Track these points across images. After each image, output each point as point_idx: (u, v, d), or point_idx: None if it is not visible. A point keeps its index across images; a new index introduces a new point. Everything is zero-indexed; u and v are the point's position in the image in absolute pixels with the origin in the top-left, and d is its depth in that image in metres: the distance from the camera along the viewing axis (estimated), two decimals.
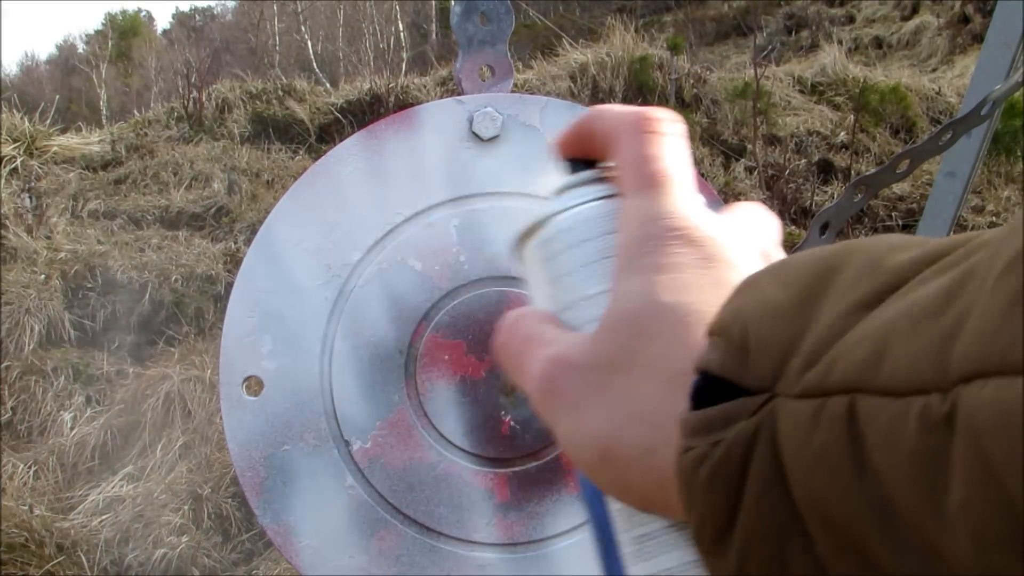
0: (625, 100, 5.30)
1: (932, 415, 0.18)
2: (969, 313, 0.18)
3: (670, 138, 0.33)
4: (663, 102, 5.31)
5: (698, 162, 4.90)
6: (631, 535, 0.31)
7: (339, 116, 5.72)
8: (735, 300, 0.26)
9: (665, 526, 0.30)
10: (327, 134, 5.58)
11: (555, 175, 0.36)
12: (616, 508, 0.31)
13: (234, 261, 4.01)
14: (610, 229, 0.33)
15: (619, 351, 0.29)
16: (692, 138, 5.09)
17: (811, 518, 0.21)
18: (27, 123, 5.36)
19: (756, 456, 0.22)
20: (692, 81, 5.50)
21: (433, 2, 13.58)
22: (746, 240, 0.32)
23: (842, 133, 5.31)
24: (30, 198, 4.55)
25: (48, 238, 4.25)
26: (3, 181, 4.66)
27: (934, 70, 7.22)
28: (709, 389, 0.25)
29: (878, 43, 8.35)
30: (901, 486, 0.19)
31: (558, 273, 0.33)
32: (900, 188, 4.70)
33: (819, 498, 0.21)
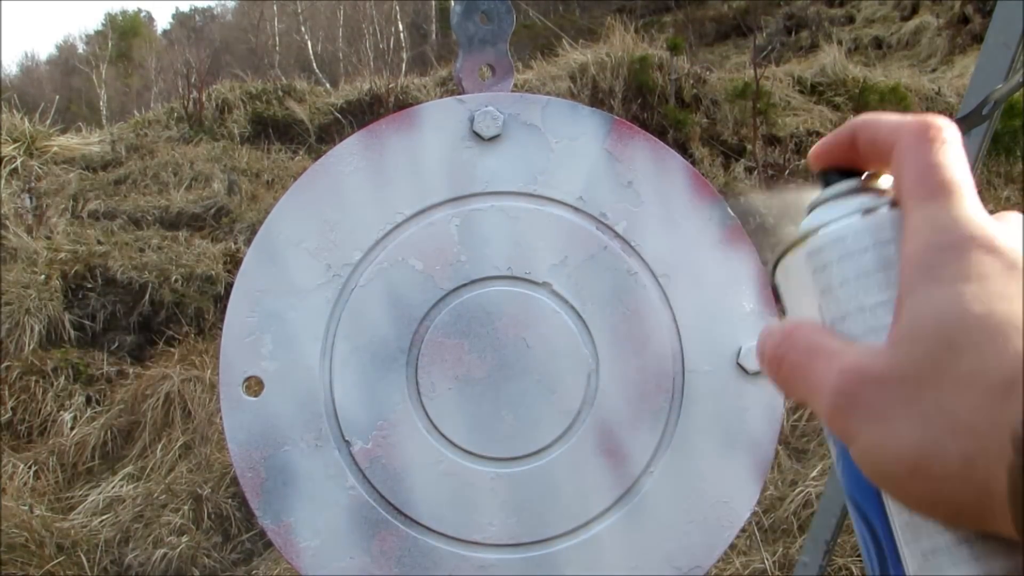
0: (625, 100, 5.30)
1: None
2: None
3: (953, 146, 0.32)
4: (663, 102, 5.31)
5: (698, 162, 4.90)
6: (918, 548, 0.30)
7: (339, 116, 5.72)
8: None
9: (957, 540, 0.29)
10: (327, 134, 5.58)
11: (811, 189, 0.36)
12: (902, 522, 0.31)
13: (234, 261, 4.01)
14: (888, 239, 0.32)
15: (927, 363, 0.28)
16: (692, 138, 5.09)
17: None
18: (27, 123, 5.35)
19: None
20: (692, 81, 5.50)
21: (433, 2, 13.57)
22: None
23: None
24: (30, 198, 4.55)
25: (48, 238, 4.25)
26: (3, 181, 4.66)
27: (934, 70, 7.22)
28: None
29: (878, 43, 8.35)
30: None
31: (830, 284, 0.32)
32: None
33: None
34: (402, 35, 13.27)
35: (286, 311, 0.69)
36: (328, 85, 7.21)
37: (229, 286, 2.19)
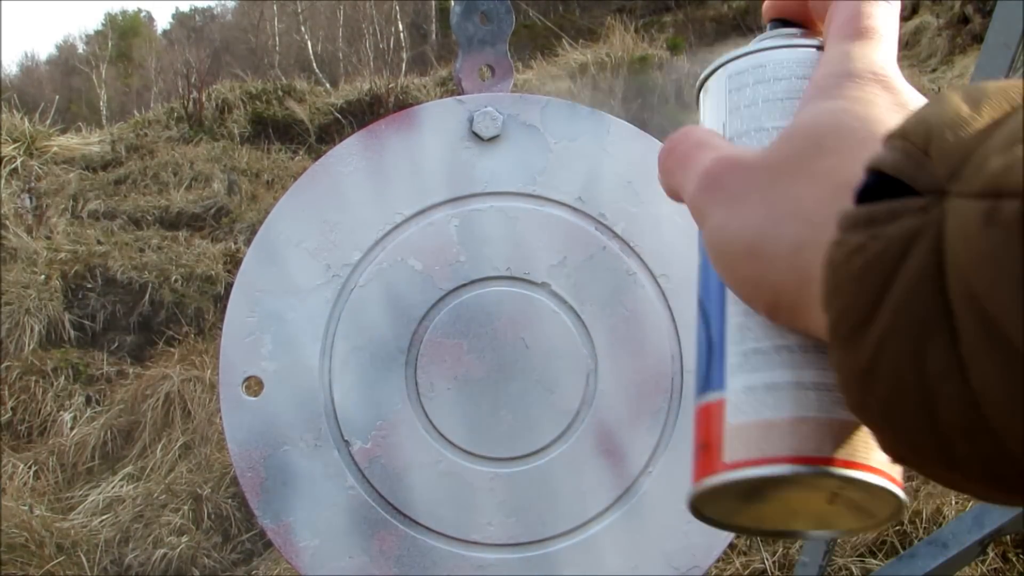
0: (625, 100, 5.30)
1: None
2: None
3: (889, 4, 0.34)
4: (663, 102, 5.31)
5: None
6: (741, 348, 0.31)
7: (339, 116, 5.73)
8: (921, 111, 0.25)
9: (776, 345, 0.30)
10: (327, 134, 5.58)
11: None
12: (734, 323, 0.32)
13: (234, 261, 4.01)
14: (804, 75, 0.34)
15: (792, 158, 0.29)
16: None
17: (964, 314, 0.21)
18: (27, 123, 5.35)
19: (916, 250, 0.22)
20: (692, 81, 5.50)
21: (433, 2, 13.58)
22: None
23: None
24: (30, 198, 4.55)
25: (48, 238, 4.25)
26: (3, 181, 4.66)
27: (934, 70, 7.22)
28: (876, 192, 0.24)
29: None
30: None
31: (739, 103, 0.34)
32: None
33: (980, 294, 0.21)
34: (402, 35, 13.28)
35: (286, 311, 0.69)
36: (328, 85, 7.22)
37: (229, 286, 2.19)
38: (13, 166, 4.87)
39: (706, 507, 0.32)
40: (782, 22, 0.37)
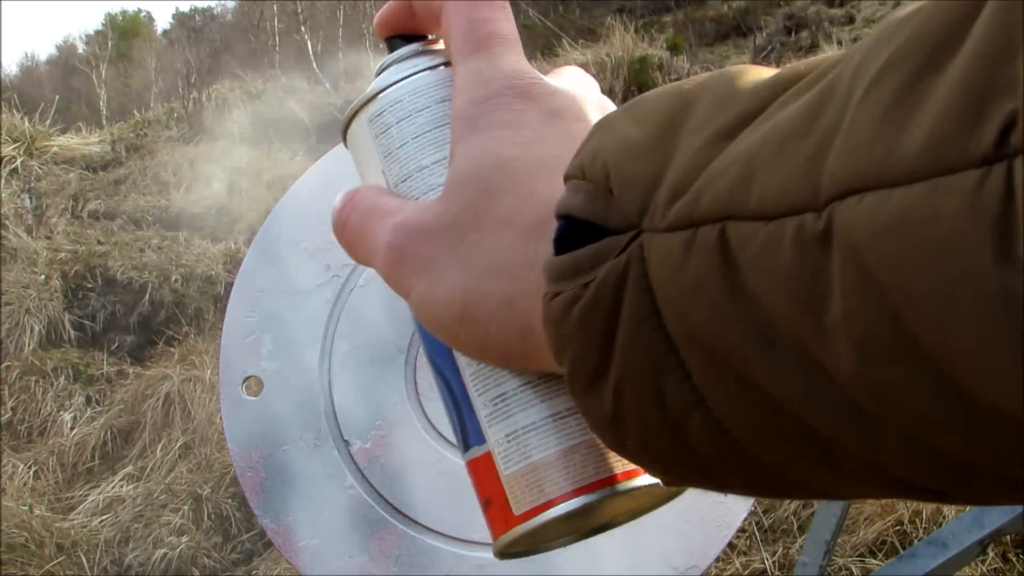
0: (625, 100, 5.30)
1: (807, 234, 0.18)
2: (836, 129, 0.18)
3: (498, 3, 0.32)
4: None
5: None
6: (487, 398, 0.30)
7: (339, 116, 5.73)
8: (591, 142, 0.25)
9: (521, 384, 0.30)
10: (327, 134, 5.58)
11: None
12: (470, 374, 0.31)
13: (234, 261, 4.01)
14: (443, 97, 0.32)
15: (468, 209, 0.28)
16: None
17: (687, 349, 0.21)
18: (27, 123, 5.36)
19: (628, 292, 0.22)
20: None
21: None
22: (583, 95, 0.32)
23: None
24: (30, 198, 4.55)
25: (48, 238, 4.25)
26: (3, 181, 4.66)
27: None
28: (571, 235, 0.24)
29: None
30: (780, 307, 0.18)
31: (390, 147, 0.32)
32: None
33: (696, 328, 0.21)
34: None
35: (286, 311, 0.69)
36: (328, 85, 7.22)
37: (229, 286, 2.19)
38: (13, 166, 4.87)
39: (517, 552, 0.32)
40: (400, 38, 0.35)
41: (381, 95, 0.33)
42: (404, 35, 0.35)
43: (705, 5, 10.21)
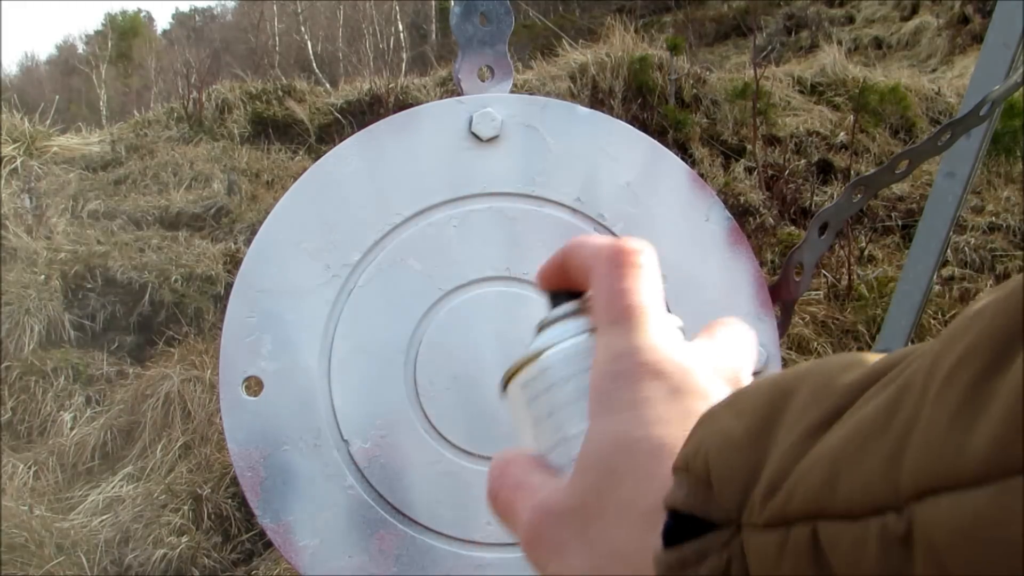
0: (625, 100, 5.30)
1: (890, 534, 0.18)
2: (913, 426, 0.18)
3: (643, 270, 0.33)
4: (663, 102, 5.31)
5: (698, 162, 4.90)
6: None
7: (339, 116, 5.73)
8: (696, 433, 0.26)
9: None
10: (327, 134, 5.58)
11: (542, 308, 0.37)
12: None
13: (234, 261, 4.01)
14: (588, 367, 0.33)
15: (592, 493, 0.30)
16: (692, 138, 5.09)
17: None
18: (27, 123, 5.36)
19: None
20: (692, 81, 5.50)
21: (433, 2, 13.58)
22: (718, 365, 0.33)
23: (842, 133, 5.32)
24: (30, 198, 4.55)
25: (48, 238, 4.25)
26: (3, 181, 4.66)
27: (933, 70, 7.22)
28: (681, 524, 0.25)
29: (878, 43, 8.35)
30: None
31: (540, 414, 0.34)
32: (900, 188, 4.71)
33: None
34: (402, 35, 13.27)
35: (286, 311, 0.69)
36: (328, 85, 7.22)
37: (229, 286, 2.19)
38: (13, 166, 4.87)
39: None
40: (560, 294, 0.36)
41: (533, 364, 0.34)
42: (564, 291, 0.36)
43: (705, 5, 10.20)
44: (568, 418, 0.33)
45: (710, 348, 0.34)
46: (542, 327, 0.36)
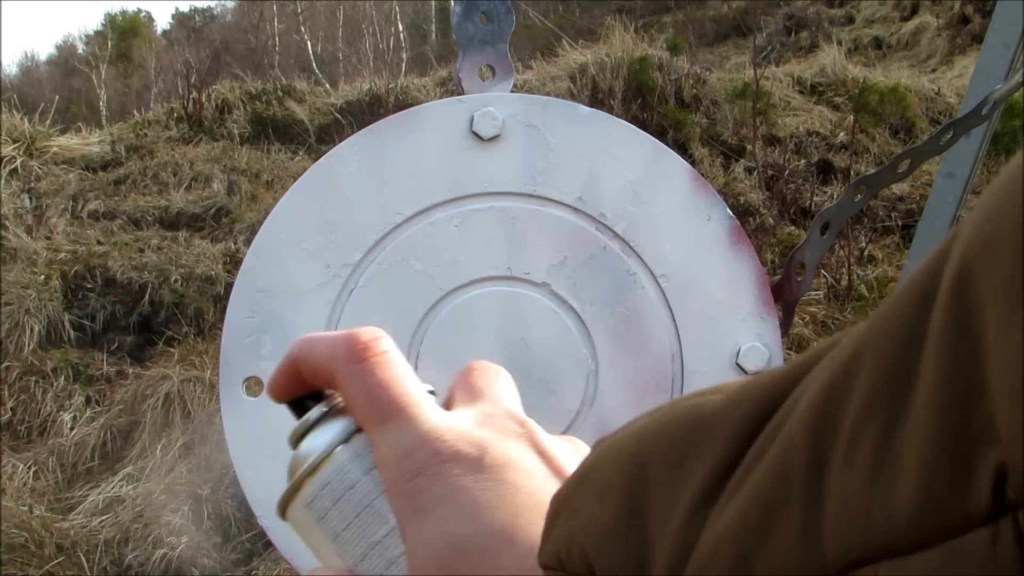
0: (625, 101, 5.31)
1: None
2: (821, 492, 0.17)
3: (388, 355, 0.31)
4: (663, 102, 5.31)
5: (698, 163, 4.90)
6: None
7: (339, 116, 5.73)
8: (559, 527, 0.24)
9: None
10: (327, 135, 5.58)
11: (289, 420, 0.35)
12: None
13: (234, 261, 4.01)
14: (368, 467, 0.31)
15: None
16: (692, 138, 5.09)
17: None
18: (27, 123, 5.36)
19: None
20: (692, 81, 5.50)
21: (433, 2, 13.58)
22: (500, 424, 0.31)
23: (841, 133, 5.32)
24: (30, 198, 4.55)
25: (48, 238, 4.25)
26: (3, 181, 4.66)
27: (933, 70, 7.23)
28: None
29: (877, 43, 8.36)
30: None
31: (336, 530, 0.32)
32: (900, 188, 4.71)
33: None
34: (402, 35, 13.28)
35: (286, 311, 0.69)
36: (328, 85, 7.22)
37: (229, 286, 2.19)
38: (13, 166, 4.87)
39: None
40: (301, 401, 0.34)
41: (308, 481, 0.32)
42: (301, 396, 0.34)
43: (705, 5, 10.21)
44: (368, 523, 0.31)
45: (483, 406, 0.32)
46: (298, 438, 0.34)
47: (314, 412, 0.34)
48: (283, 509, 0.34)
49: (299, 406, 0.35)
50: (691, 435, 0.22)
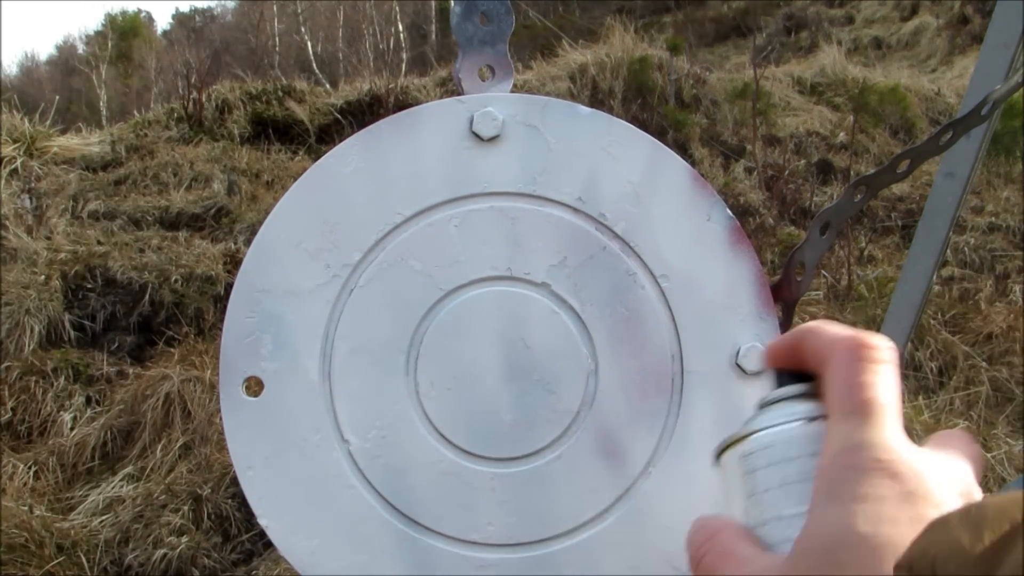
0: (625, 101, 5.30)
1: None
2: None
3: (885, 366, 0.33)
4: (663, 102, 5.31)
5: (698, 163, 4.90)
6: None
7: (339, 117, 5.73)
8: (925, 538, 0.26)
9: None
10: (327, 135, 5.58)
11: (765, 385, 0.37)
12: None
13: (234, 261, 4.01)
14: (813, 451, 0.33)
15: None
16: (692, 139, 5.09)
17: None
18: (27, 124, 5.36)
19: None
20: (692, 82, 5.50)
21: (433, 2, 13.58)
22: (949, 476, 0.33)
23: (841, 133, 5.31)
24: (30, 198, 4.55)
25: (48, 238, 4.25)
26: (3, 181, 4.66)
27: (933, 71, 7.22)
28: None
29: (877, 44, 8.35)
30: None
31: (756, 489, 0.34)
32: (900, 188, 4.71)
33: None
34: (402, 35, 13.27)
35: (286, 311, 0.69)
36: (328, 85, 7.22)
37: (229, 286, 2.19)
38: (13, 166, 4.87)
39: None
40: (787, 374, 0.36)
41: (755, 436, 0.35)
42: (791, 371, 0.36)
43: (705, 5, 10.20)
44: (785, 498, 0.33)
45: (943, 457, 0.34)
46: (766, 404, 0.36)
47: (796, 388, 0.36)
48: (720, 451, 0.36)
49: (779, 378, 0.37)
50: None
